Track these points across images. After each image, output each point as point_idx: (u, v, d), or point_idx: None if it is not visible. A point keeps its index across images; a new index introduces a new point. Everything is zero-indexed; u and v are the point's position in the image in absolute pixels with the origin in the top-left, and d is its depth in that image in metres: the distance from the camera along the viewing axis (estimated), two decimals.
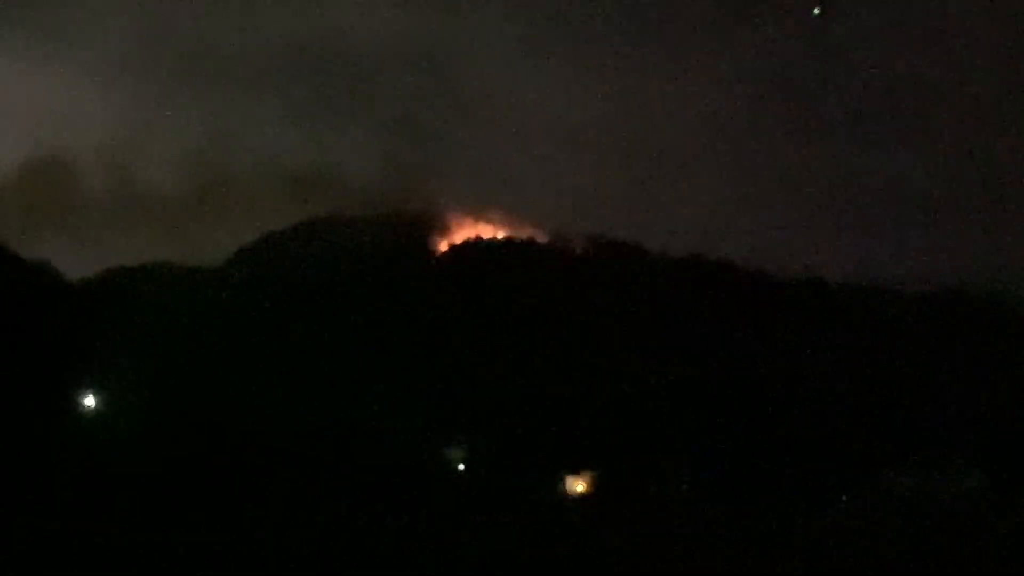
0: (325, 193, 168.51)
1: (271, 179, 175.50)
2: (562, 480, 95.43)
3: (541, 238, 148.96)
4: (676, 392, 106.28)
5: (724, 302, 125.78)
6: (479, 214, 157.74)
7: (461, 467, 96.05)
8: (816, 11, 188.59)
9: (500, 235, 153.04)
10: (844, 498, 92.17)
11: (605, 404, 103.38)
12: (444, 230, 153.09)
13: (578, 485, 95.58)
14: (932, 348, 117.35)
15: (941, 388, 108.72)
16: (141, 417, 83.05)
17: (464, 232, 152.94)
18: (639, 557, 52.89)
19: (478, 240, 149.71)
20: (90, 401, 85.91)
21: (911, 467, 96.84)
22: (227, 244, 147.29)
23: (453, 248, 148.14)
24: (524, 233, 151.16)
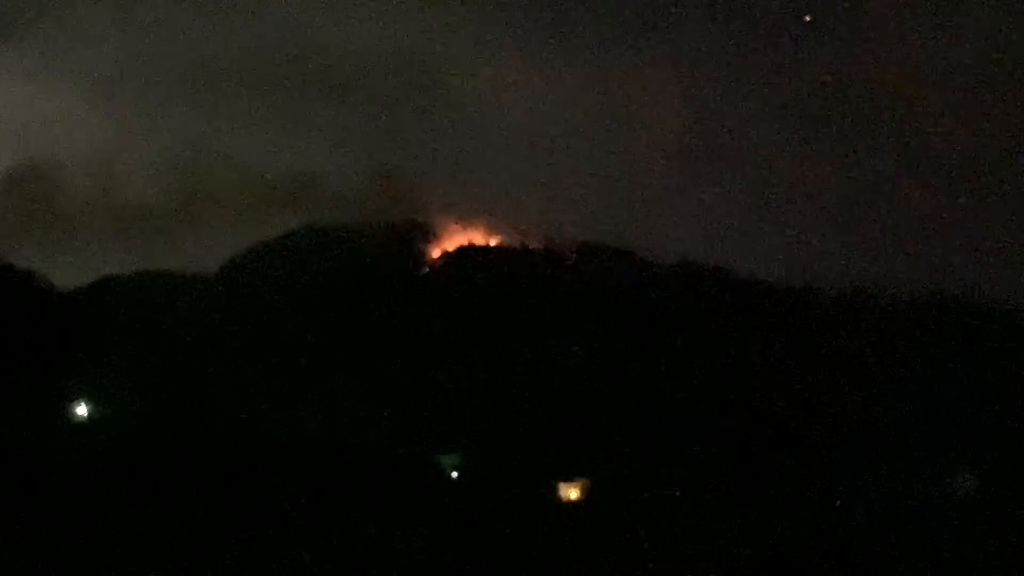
0: (316, 201, 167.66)
1: (261, 188, 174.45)
2: (556, 486, 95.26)
3: (533, 244, 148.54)
4: (669, 398, 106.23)
5: (717, 307, 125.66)
6: (470, 221, 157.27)
7: (455, 474, 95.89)
8: (807, 18, 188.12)
9: (492, 242, 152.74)
10: (837, 503, 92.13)
11: (598, 410, 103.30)
12: (436, 237, 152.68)
13: (572, 492, 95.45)
14: (921, 352, 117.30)
15: (931, 392, 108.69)
16: (132, 427, 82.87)
17: (456, 239, 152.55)
18: (632, 563, 52.86)
19: (470, 247, 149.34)
20: (82, 410, 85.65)
21: (903, 472, 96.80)
22: (217, 253, 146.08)
23: (445, 255, 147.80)
24: (516, 240, 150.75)
